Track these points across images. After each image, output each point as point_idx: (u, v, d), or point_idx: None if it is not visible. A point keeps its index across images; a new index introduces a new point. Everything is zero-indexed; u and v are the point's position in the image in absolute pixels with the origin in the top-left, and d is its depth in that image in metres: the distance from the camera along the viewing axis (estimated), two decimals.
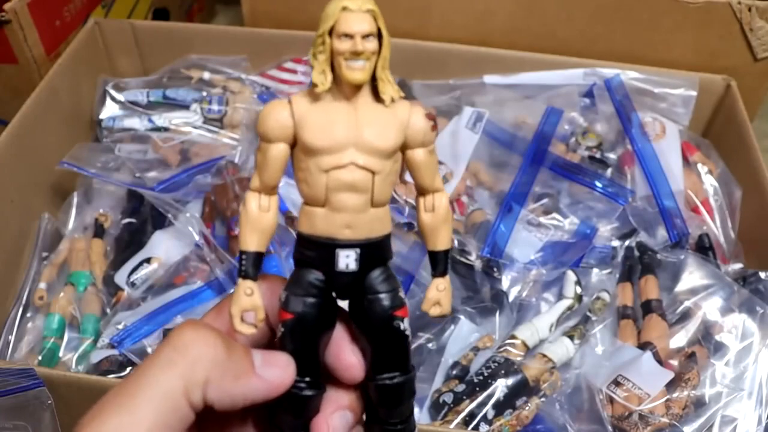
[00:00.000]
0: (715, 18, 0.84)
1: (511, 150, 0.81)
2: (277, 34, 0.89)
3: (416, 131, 0.27)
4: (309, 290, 0.27)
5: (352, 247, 0.27)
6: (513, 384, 0.61)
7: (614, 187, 0.77)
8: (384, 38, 0.26)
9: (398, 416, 0.30)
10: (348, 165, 0.26)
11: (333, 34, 0.26)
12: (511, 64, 0.87)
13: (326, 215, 0.27)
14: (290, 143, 0.27)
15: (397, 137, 0.27)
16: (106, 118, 0.84)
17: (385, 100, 0.27)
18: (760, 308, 0.64)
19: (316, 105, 0.27)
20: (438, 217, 0.29)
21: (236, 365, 0.27)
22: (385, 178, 0.27)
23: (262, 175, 0.27)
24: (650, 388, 0.59)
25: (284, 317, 0.28)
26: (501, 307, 0.69)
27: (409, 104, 0.28)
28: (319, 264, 0.27)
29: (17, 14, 0.75)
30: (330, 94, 0.27)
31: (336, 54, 0.26)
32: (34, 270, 0.72)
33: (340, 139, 0.26)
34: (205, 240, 0.71)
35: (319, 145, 0.26)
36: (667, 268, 0.71)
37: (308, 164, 0.27)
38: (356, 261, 0.27)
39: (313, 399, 0.28)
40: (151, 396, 0.25)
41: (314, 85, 0.27)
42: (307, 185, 0.27)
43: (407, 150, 0.28)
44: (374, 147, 0.26)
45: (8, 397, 0.53)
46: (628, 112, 0.82)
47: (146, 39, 0.91)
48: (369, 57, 0.26)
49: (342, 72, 0.26)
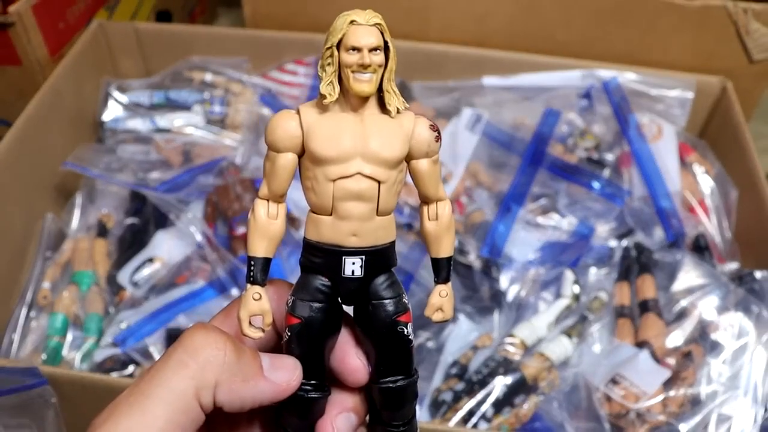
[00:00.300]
0: (711, 20, 0.84)
1: (510, 151, 0.82)
2: (278, 36, 0.90)
3: (421, 142, 0.28)
4: (315, 295, 0.28)
5: (357, 254, 0.28)
6: (512, 382, 0.61)
7: (612, 188, 0.78)
8: (390, 51, 0.27)
9: (401, 418, 0.30)
10: (354, 174, 0.27)
11: (341, 47, 0.27)
12: (510, 65, 0.87)
13: (333, 223, 0.27)
14: (298, 153, 0.28)
15: (403, 147, 0.28)
16: (109, 119, 0.85)
17: (391, 111, 0.28)
18: (755, 307, 0.65)
19: (323, 116, 0.27)
20: (442, 225, 0.29)
21: (245, 368, 0.27)
22: (390, 187, 0.28)
23: (270, 183, 0.28)
24: (647, 386, 0.60)
25: (291, 321, 0.28)
26: (500, 307, 0.69)
27: (414, 115, 0.28)
28: (326, 270, 0.28)
29: (21, 16, 0.76)
30: (337, 105, 0.28)
31: (344, 66, 0.27)
32: (38, 269, 0.72)
33: (347, 149, 0.27)
34: (207, 240, 0.72)
35: (326, 154, 0.27)
36: (664, 268, 0.71)
37: (315, 173, 0.27)
38: (361, 267, 0.28)
39: (318, 401, 0.29)
40: (163, 397, 0.25)
41: (322, 96, 0.27)
42: (315, 194, 0.28)
43: (412, 160, 0.29)
44: (380, 157, 0.27)
45: (12, 396, 0.53)
46: (625, 113, 0.83)
47: (149, 41, 0.91)
48: (376, 69, 0.27)
49: (350, 84, 0.27)
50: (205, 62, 0.89)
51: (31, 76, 0.80)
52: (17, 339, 0.67)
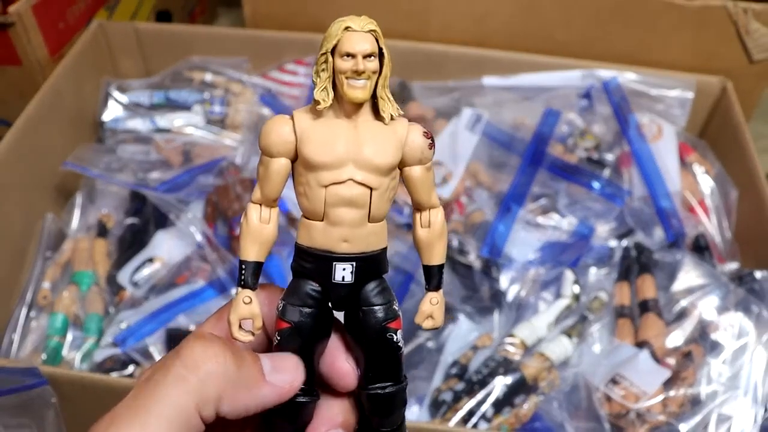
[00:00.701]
0: (711, 20, 0.84)
1: (510, 151, 0.82)
2: (278, 36, 0.90)
3: (414, 149, 0.28)
4: (306, 301, 0.28)
5: (348, 260, 0.28)
6: (512, 382, 0.61)
7: (612, 188, 0.78)
8: (385, 58, 0.27)
9: (390, 425, 0.31)
10: (347, 181, 0.27)
11: (336, 53, 0.27)
12: (510, 65, 0.88)
13: (324, 229, 0.27)
14: (292, 158, 0.28)
15: (396, 154, 0.28)
16: (109, 119, 0.85)
17: (385, 118, 0.28)
18: (755, 307, 0.65)
19: (317, 121, 0.28)
20: (434, 232, 0.30)
21: (247, 376, 0.27)
22: (382, 194, 0.28)
23: (263, 188, 0.28)
24: (647, 386, 0.60)
25: (281, 326, 0.28)
26: (500, 307, 0.69)
27: (408, 122, 0.29)
28: (317, 275, 0.28)
29: (21, 16, 0.76)
30: (331, 111, 0.28)
31: (338, 72, 0.27)
32: (38, 269, 0.72)
33: (340, 155, 0.27)
34: (207, 240, 0.72)
35: (319, 160, 0.27)
36: (664, 268, 0.71)
37: (308, 179, 0.27)
38: (352, 273, 0.28)
39: (307, 406, 0.29)
40: (163, 411, 0.25)
41: (316, 102, 0.27)
42: (307, 199, 0.28)
43: (405, 167, 0.29)
44: (373, 164, 0.27)
45: (12, 396, 0.53)
46: (625, 113, 0.83)
47: (149, 41, 0.91)
48: (370, 76, 0.27)
49: (344, 90, 0.27)
50: (205, 62, 0.89)
51: (31, 76, 0.80)
52: (17, 339, 0.67)
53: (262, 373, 0.28)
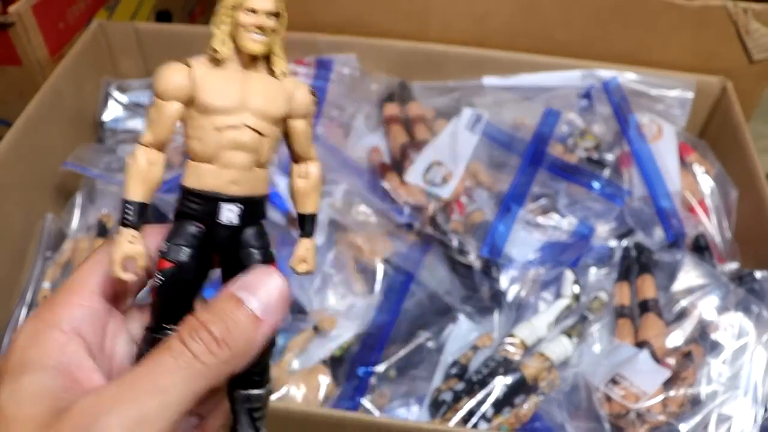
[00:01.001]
0: (711, 20, 0.84)
1: (510, 151, 0.82)
2: None
3: (300, 104, 0.30)
4: (189, 241, 0.29)
5: (235, 201, 0.29)
6: (512, 382, 0.61)
7: (612, 188, 0.78)
8: (282, 19, 0.29)
9: (256, 367, 0.31)
10: (241, 126, 0.29)
11: (240, 8, 0.29)
12: (510, 65, 0.87)
13: (215, 171, 0.29)
14: (184, 103, 0.29)
15: (285, 106, 0.30)
16: (109, 119, 0.85)
17: (277, 74, 0.30)
18: (755, 307, 0.65)
19: (214, 70, 0.29)
20: (310, 183, 0.32)
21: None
22: (270, 142, 0.30)
23: (154, 131, 0.29)
24: (647, 386, 0.60)
25: (163, 265, 0.29)
26: (500, 307, 0.69)
27: (297, 80, 0.31)
28: (202, 217, 0.29)
29: (21, 16, 0.76)
30: (228, 63, 0.29)
31: (239, 26, 0.29)
32: (38, 270, 0.72)
33: (236, 101, 0.29)
34: None
35: (216, 105, 0.28)
36: (664, 268, 0.71)
37: (202, 123, 0.29)
38: (238, 216, 0.29)
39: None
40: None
41: (214, 51, 0.29)
42: (200, 142, 0.29)
43: (289, 119, 0.30)
44: (264, 112, 0.29)
45: None
46: (625, 113, 0.83)
47: (149, 41, 0.91)
48: (269, 33, 0.29)
49: (243, 43, 0.29)
50: None
51: (31, 76, 0.80)
52: None
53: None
